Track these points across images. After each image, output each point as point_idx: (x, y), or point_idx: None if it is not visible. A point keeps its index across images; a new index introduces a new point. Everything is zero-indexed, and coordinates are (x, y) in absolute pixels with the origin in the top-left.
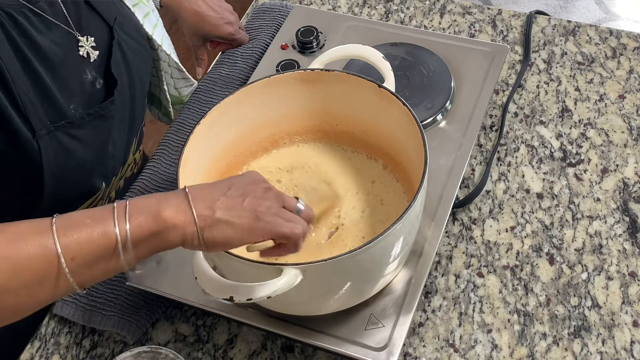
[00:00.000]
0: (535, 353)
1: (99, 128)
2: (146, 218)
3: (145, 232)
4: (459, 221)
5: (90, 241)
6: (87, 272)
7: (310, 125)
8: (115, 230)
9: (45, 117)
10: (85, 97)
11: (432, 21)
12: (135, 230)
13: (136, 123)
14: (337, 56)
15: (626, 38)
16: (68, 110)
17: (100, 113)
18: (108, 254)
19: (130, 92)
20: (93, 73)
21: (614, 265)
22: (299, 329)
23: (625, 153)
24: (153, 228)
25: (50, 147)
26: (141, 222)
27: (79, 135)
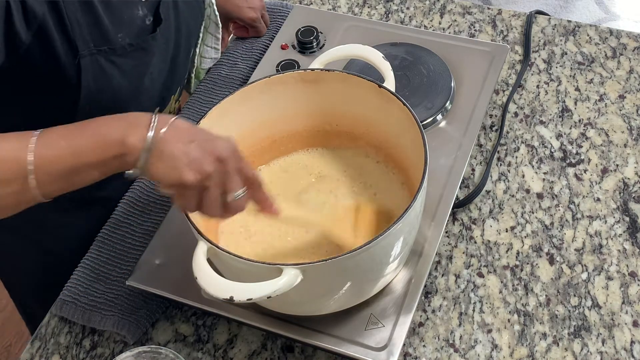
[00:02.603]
0: (535, 353)
1: (139, 59)
2: (112, 142)
3: (109, 155)
4: (459, 221)
5: (60, 159)
6: (53, 185)
7: (310, 125)
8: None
9: (90, 40)
10: (134, 30)
11: (432, 21)
12: (101, 153)
13: (178, 69)
14: (337, 56)
15: (626, 38)
16: (115, 38)
17: (141, 45)
18: (74, 172)
19: (176, 38)
20: (144, 10)
21: (614, 265)
22: (299, 329)
23: (625, 153)
24: (116, 152)
25: (91, 69)
26: (107, 145)
27: (118, 62)
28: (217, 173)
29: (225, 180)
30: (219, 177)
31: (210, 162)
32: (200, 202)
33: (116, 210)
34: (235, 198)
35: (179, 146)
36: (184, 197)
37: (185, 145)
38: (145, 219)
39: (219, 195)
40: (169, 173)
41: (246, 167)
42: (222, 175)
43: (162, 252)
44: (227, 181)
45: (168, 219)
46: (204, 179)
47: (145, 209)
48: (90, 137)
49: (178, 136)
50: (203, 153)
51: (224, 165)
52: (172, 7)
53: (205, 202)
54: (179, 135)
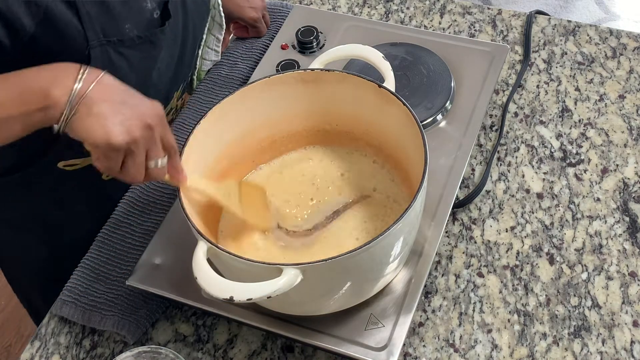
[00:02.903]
0: (535, 353)
1: (146, 53)
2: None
3: (32, 109)
4: (459, 221)
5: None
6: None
7: (310, 125)
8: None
9: (100, 31)
10: (142, 23)
11: (432, 21)
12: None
13: (184, 66)
14: (337, 56)
15: (626, 38)
16: (123, 29)
17: (150, 39)
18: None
19: (183, 35)
20: (153, 4)
21: (614, 265)
22: (299, 329)
23: (625, 153)
24: (39, 105)
25: (100, 59)
26: (30, 98)
27: (127, 54)
28: (144, 139)
29: (150, 146)
30: (145, 142)
31: (139, 127)
32: (123, 166)
33: (116, 210)
34: (157, 165)
35: (108, 105)
36: (108, 158)
37: (115, 106)
38: (145, 219)
39: (143, 161)
40: (97, 131)
41: (169, 135)
42: (148, 140)
43: (162, 252)
44: (152, 147)
45: (168, 219)
46: (131, 143)
47: (145, 209)
48: (13, 87)
49: (107, 93)
50: (132, 116)
51: (152, 130)
52: (181, 5)
53: (127, 166)
54: (108, 93)
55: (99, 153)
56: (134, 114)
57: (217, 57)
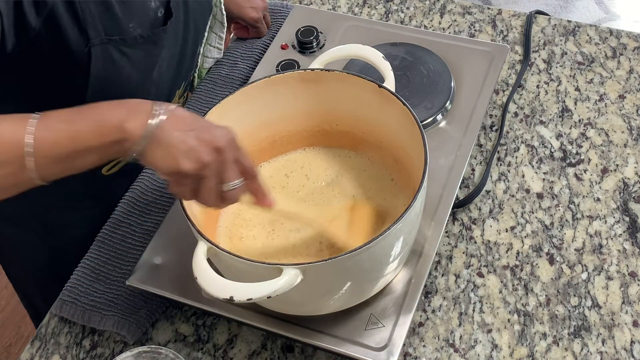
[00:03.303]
0: (535, 353)
1: (149, 52)
2: (112, 127)
3: (108, 141)
4: (459, 221)
5: (59, 143)
6: (52, 169)
7: (310, 125)
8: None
9: (102, 29)
10: (146, 22)
11: (432, 21)
12: (100, 138)
13: (184, 64)
14: (337, 56)
15: (626, 38)
16: (126, 27)
17: (152, 38)
18: (72, 156)
19: (184, 33)
20: (157, 2)
21: (614, 265)
22: (299, 329)
23: (625, 153)
24: (115, 137)
25: (101, 58)
26: (106, 131)
27: (129, 53)
28: (214, 163)
29: (222, 170)
30: (216, 166)
31: (208, 152)
32: (197, 191)
33: (116, 210)
34: (231, 188)
35: (177, 134)
36: (181, 184)
37: (183, 134)
38: (145, 219)
39: (215, 185)
40: (167, 161)
41: (243, 158)
42: (219, 165)
43: (162, 252)
44: (224, 171)
45: (168, 219)
46: (201, 168)
47: (145, 209)
48: (90, 121)
49: (177, 124)
50: (201, 142)
51: (222, 155)
52: (182, 3)
53: (201, 191)
54: (178, 124)
55: (172, 181)
56: (203, 140)
57: (219, 54)
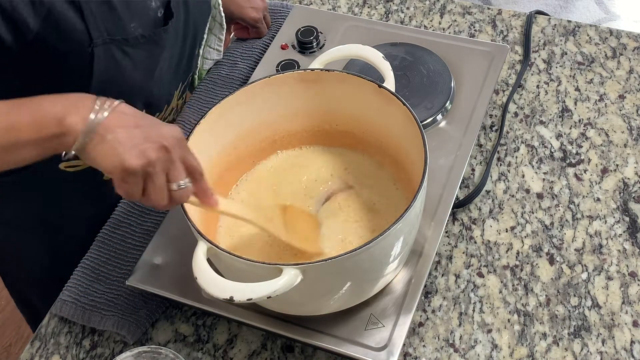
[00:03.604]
0: (535, 353)
1: (150, 52)
2: (50, 121)
3: (46, 135)
4: (459, 221)
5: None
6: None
7: (310, 125)
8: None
9: (104, 29)
10: (147, 22)
11: (432, 21)
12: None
13: (183, 65)
14: (337, 56)
15: (626, 38)
16: (128, 27)
17: (153, 38)
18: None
19: (184, 34)
20: (157, 3)
21: (614, 265)
22: (299, 329)
23: (625, 153)
24: (54, 131)
25: (104, 57)
26: (43, 125)
27: (131, 53)
28: (160, 161)
29: (169, 168)
30: (163, 164)
31: (154, 149)
32: (144, 191)
33: (116, 210)
34: (180, 188)
35: (122, 131)
36: (126, 183)
37: (128, 130)
38: (145, 219)
39: (163, 184)
40: (110, 158)
41: (191, 157)
42: (166, 163)
43: (162, 252)
44: (171, 169)
45: (168, 219)
46: (147, 165)
47: (145, 209)
48: (28, 114)
49: (122, 121)
50: (147, 139)
51: (169, 152)
52: (182, 4)
53: (149, 190)
54: (123, 120)
55: (117, 179)
56: (149, 137)
57: (218, 56)
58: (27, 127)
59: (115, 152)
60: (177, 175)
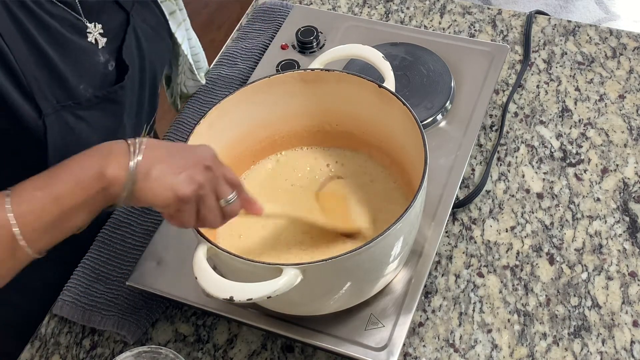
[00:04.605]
0: (535, 353)
1: (108, 111)
2: (91, 178)
3: (92, 193)
4: (459, 221)
5: (43, 210)
6: (45, 238)
7: (310, 125)
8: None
9: (53, 97)
10: (97, 78)
11: (432, 21)
12: (83, 193)
13: (144, 109)
14: (337, 56)
15: (626, 38)
16: (78, 91)
17: (109, 97)
18: (61, 220)
19: (141, 78)
20: (106, 55)
21: (614, 265)
22: (299, 329)
23: (625, 153)
24: (97, 187)
25: (57, 126)
26: (86, 184)
27: (85, 116)
28: (208, 181)
29: (216, 187)
30: (211, 184)
31: (199, 172)
32: (198, 214)
33: (116, 210)
34: (229, 203)
35: (162, 165)
36: (182, 212)
37: (168, 162)
38: (145, 219)
39: (215, 202)
40: (162, 193)
41: (229, 172)
42: (212, 182)
43: (162, 252)
44: (218, 187)
45: None
46: (198, 189)
47: (145, 209)
48: (67, 179)
49: (157, 155)
50: (188, 165)
51: (212, 171)
52: (135, 48)
53: (203, 213)
54: (158, 155)
55: (171, 211)
56: (189, 162)
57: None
58: (71, 192)
59: (164, 186)
60: (224, 191)
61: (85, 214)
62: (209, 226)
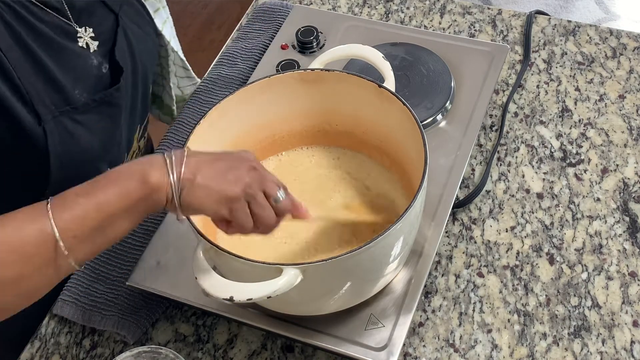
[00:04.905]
0: (535, 353)
1: (105, 114)
2: (134, 184)
3: (134, 199)
4: (459, 221)
5: (86, 217)
6: (86, 247)
7: (310, 125)
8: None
9: (51, 103)
10: (92, 82)
11: (432, 21)
12: (125, 199)
13: (138, 110)
14: (337, 56)
15: (626, 38)
16: (73, 95)
17: (105, 100)
18: (103, 227)
19: (133, 79)
20: (99, 58)
21: (614, 265)
22: (299, 329)
23: (625, 153)
24: (141, 194)
25: (56, 132)
26: (129, 190)
27: (83, 120)
28: (255, 180)
29: (263, 185)
30: (258, 182)
31: (245, 172)
32: (253, 215)
33: None
34: (280, 200)
35: (207, 170)
36: (235, 212)
37: (212, 166)
38: (145, 219)
39: (265, 201)
40: (211, 197)
41: (269, 174)
42: (259, 180)
43: (162, 252)
44: (266, 185)
45: (168, 218)
46: (246, 187)
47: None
48: (109, 187)
49: (201, 160)
50: (233, 167)
51: (257, 170)
52: (127, 49)
53: (257, 212)
54: (201, 159)
55: (224, 213)
56: (234, 164)
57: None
58: (115, 198)
59: (212, 190)
60: (273, 188)
61: (128, 222)
62: (265, 227)
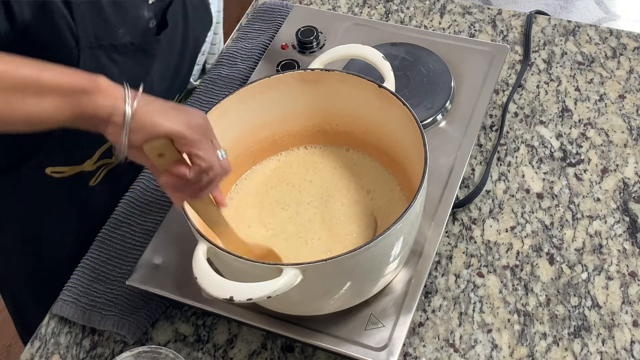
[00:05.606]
0: (535, 353)
1: (139, 61)
2: (81, 74)
3: (76, 86)
4: (459, 221)
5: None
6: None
7: (310, 125)
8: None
9: (92, 33)
10: (137, 30)
11: (432, 21)
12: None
13: (180, 77)
14: (337, 56)
15: (626, 38)
16: (116, 34)
17: (143, 47)
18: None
19: (182, 45)
20: (150, 13)
21: (614, 265)
22: (299, 329)
23: (625, 153)
24: (84, 83)
25: (90, 61)
26: (74, 75)
27: (118, 60)
28: (207, 128)
29: (212, 135)
30: (209, 131)
31: (196, 117)
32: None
33: (116, 210)
34: (224, 156)
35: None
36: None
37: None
38: (145, 219)
39: (213, 147)
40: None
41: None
42: (210, 130)
43: (162, 252)
44: (213, 136)
45: (168, 219)
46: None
47: (145, 209)
48: (57, 68)
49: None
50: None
51: (208, 123)
52: (181, 14)
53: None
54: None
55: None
56: (187, 110)
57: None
58: (59, 72)
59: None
60: (218, 143)
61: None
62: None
